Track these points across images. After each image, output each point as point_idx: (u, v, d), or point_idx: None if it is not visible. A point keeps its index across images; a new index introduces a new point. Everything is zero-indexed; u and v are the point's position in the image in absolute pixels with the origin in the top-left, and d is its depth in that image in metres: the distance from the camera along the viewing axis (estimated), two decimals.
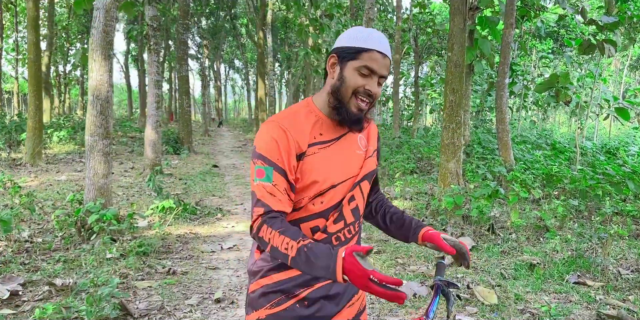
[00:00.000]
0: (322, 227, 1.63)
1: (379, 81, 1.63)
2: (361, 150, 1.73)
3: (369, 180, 1.74)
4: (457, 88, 7.59)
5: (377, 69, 1.59)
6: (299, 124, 1.62)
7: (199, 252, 5.82)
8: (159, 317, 4.00)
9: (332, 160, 1.63)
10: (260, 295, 1.65)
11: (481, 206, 6.57)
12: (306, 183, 1.58)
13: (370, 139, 1.79)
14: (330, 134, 1.65)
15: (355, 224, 1.69)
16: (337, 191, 1.63)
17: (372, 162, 1.76)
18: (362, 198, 1.71)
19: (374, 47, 1.60)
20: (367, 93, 1.60)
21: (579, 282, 5.03)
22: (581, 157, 12.77)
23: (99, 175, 6.00)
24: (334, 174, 1.62)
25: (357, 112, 1.62)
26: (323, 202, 1.61)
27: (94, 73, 5.86)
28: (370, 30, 1.64)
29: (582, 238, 6.39)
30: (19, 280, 4.60)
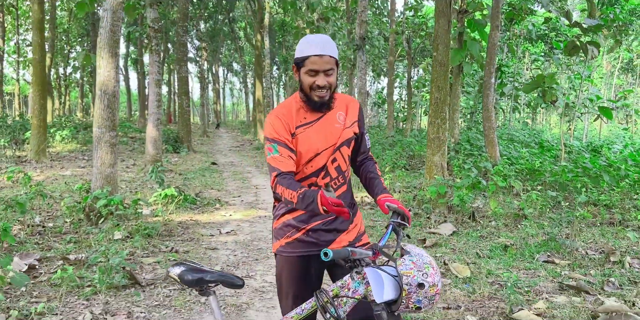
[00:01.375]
0: (314, 182, 2.31)
1: (327, 73, 2.21)
2: (339, 123, 2.34)
3: (348, 146, 2.36)
4: (442, 86, 8.05)
5: (319, 68, 2.19)
6: (289, 112, 2.30)
7: (199, 235, 6.28)
8: (164, 285, 4.45)
9: (315, 135, 2.28)
10: (279, 229, 2.36)
11: (462, 195, 7.03)
12: (299, 153, 2.27)
13: (348, 113, 2.39)
14: (311, 117, 2.31)
15: (340, 178, 2.35)
16: (321, 157, 2.30)
17: (349, 132, 2.36)
18: (343, 159, 2.35)
19: (310, 53, 2.20)
20: (318, 86, 2.21)
21: (548, 261, 5.49)
22: (567, 155, 13.24)
23: (105, 164, 6.46)
24: (317, 144, 2.28)
25: (319, 100, 2.25)
26: (312, 166, 2.30)
27: (102, 69, 6.32)
28: (308, 39, 2.24)
29: (553, 222, 6.84)
30: (35, 256, 5.04)
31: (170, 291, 4.34)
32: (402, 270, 1.88)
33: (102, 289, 4.20)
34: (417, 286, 1.85)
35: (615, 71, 29.14)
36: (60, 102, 36.54)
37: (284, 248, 2.34)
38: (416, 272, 1.87)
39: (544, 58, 23.03)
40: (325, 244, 2.29)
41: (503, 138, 15.51)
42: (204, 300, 4.17)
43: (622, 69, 32.79)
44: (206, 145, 22.60)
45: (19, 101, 32.61)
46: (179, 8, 17.44)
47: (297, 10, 21.21)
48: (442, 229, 6.68)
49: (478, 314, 3.99)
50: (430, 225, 7.00)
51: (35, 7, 12.67)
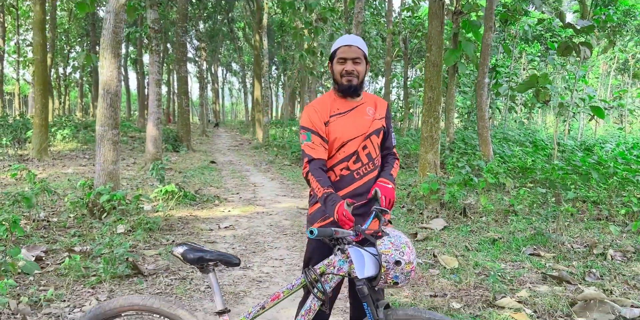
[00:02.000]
0: (347, 167, 2.57)
1: (355, 62, 2.55)
2: (369, 116, 2.63)
3: (377, 135, 2.63)
4: (435, 85, 8.28)
5: (346, 56, 2.55)
6: (324, 104, 2.62)
7: (198, 229, 6.50)
8: (165, 275, 4.67)
9: (347, 124, 2.58)
10: (315, 213, 2.63)
11: (453, 191, 7.26)
12: (332, 140, 2.55)
13: (377, 109, 2.68)
14: (344, 107, 2.62)
15: (370, 164, 2.59)
16: (353, 143, 2.56)
17: (379, 123, 2.64)
18: (373, 147, 2.61)
19: (340, 44, 2.59)
20: (347, 72, 2.54)
21: (534, 254, 5.72)
22: (560, 153, 13.47)
23: (108, 161, 6.68)
24: (349, 132, 2.56)
25: (347, 83, 2.56)
26: (345, 151, 2.56)
27: (105, 69, 6.54)
28: (341, 37, 2.63)
29: (541, 217, 7.07)
30: (42, 248, 5.26)
31: (172, 280, 4.56)
32: (381, 249, 2.11)
33: (106, 278, 4.42)
34: (395, 263, 2.08)
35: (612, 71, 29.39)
36: (60, 101, 36.73)
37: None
38: (394, 251, 2.10)
39: (540, 58, 23.26)
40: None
41: (497, 137, 15.74)
42: (204, 289, 4.40)
43: (618, 70, 33.05)
44: (205, 144, 22.82)
45: (19, 101, 32.81)
46: (178, 8, 17.65)
47: (295, 11, 21.44)
48: (433, 224, 6.91)
49: (463, 301, 4.22)
50: (423, 220, 7.22)
51: (37, 7, 12.88)
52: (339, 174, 2.57)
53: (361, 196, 2.55)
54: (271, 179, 11.70)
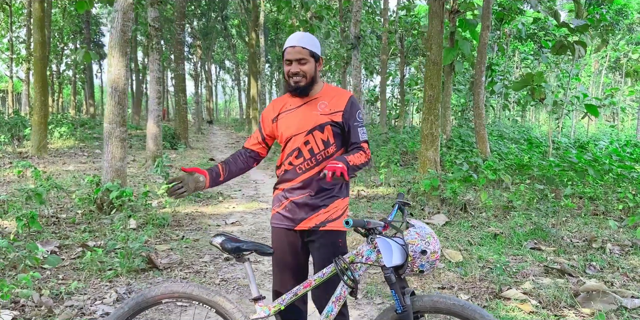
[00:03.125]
0: (290, 162, 2.63)
1: (300, 62, 2.56)
2: (318, 111, 2.61)
3: (321, 130, 2.59)
4: (435, 84, 8.42)
5: (291, 57, 2.57)
6: (281, 100, 2.73)
7: (206, 225, 6.62)
8: (180, 268, 4.79)
9: (293, 120, 2.63)
10: (273, 200, 2.77)
11: (454, 187, 7.42)
12: (280, 135, 2.67)
13: (332, 102, 2.64)
14: (294, 104, 2.67)
15: (312, 159, 2.59)
16: (296, 138, 2.61)
17: (325, 117, 2.60)
18: (316, 142, 2.59)
19: (286, 45, 2.61)
20: (292, 73, 2.57)
21: (535, 248, 5.88)
22: (555, 151, 13.68)
23: (116, 158, 6.77)
24: (292, 128, 2.62)
25: (295, 84, 2.59)
26: (290, 146, 2.63)
27: (113, 68, 6.63)
28: (290, 37, 2.64)
29: (540, 213, 7.24)
30: (55, 244, 5.36)
31: (186, 274, 4.68)
32: (408, 240, 2.25)
33: (123, 272, 4.53)
34: (421, 253, 2.22)
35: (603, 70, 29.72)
36: (53, 99, 36.59)
37: (273, 218, 2.74)
38: (420, 241, 2.24)
39: (533, 57, 23.50)
40: (298, 221, 2.62)
41: (493, 135, 15.94)
42: (218, 282, 4.52)
43: (610, 68, 33.40)
44: (202, 142, 22.88)
45: (13, 98, 32.68)
46: (176, 6, 17.69)
47: (291, 9, 21.51)
48: (435, 219, 7.06)
49: (470, 293, 4.37)
50: (424, 216, 7.37)
51: (36, 5, 12.91)
52: (284, 169, 2.67)
53: (304, 189, 2.60)
54: (271, 176, 11.82)
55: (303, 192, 2.61)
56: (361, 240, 5.97)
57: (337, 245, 2.61)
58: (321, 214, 2.60)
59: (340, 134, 2.64)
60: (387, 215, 5.49)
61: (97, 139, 18.35)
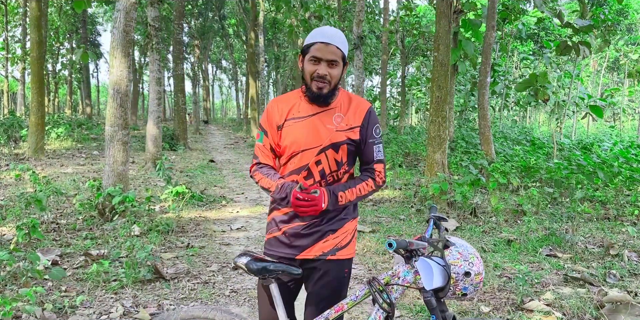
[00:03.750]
0: (296, 180, 2.23)
1: (331, 64, 2.16)
2: (333, 125, 2.22)
3: (336, 149, 2.21)
4: (443, 85, 8.26)
5: (322, 56, 2.14)
6: (289, 101, 2.29)
7: (211, 231, 6.43)
8: (187, 279, 4.61)
9: (302, 131, 2.21)
10: (267, 225, 2.39)
11: (464, 192, 7.26)
12: (283, 146, 2.24)
13: (349, 116, 2.25)
14: (306, 112, 2.24)
15: (322, 182, 2.24)
16: (305, 155, 2.21)
17: (342, 135, 2.22)
18: (328, 163, 2.23)
19: (316, 40, 2.16)
20: (318, 76, 2.15)
21: (551, 255, 5.73)
22: (558, 152, 13.55)
23: (118, 162, 6.58)
24: (301, 141, 2.21)
25: (317, 91, 2.18)
26: (295, 162, 2.23)
27: (115, 69, 6.44)
28: (319, 29, 2.22)
29: (554, 218, 7.09)
30: (56, 252, 5.17)
31: (194, 285, 4.50)
32: (450, 260, 2.07)
33: (128, 283, 4.34)
34: (464, 275, 2.04)
35: (602, 70, 29.67)
36: (49, 99, 36.30)
37: (266, 244, 2.37)
38: (463, 262, 2.06)
39: (534, 57, 23.39)
40: (300, 249, 2.27)
41: (497, 136, 15.80)
42: (228, 293, 4.34)
43: (608, 68, 33.33)
44: (200, 142, 22.67)
45: (8, 98, 32.37)
46: (175, 6, 17.47)
47: (290, 9, 21.30)
48: (445, 224, 6.90)
49: (491, 305, 4.20)
50: None
51: (32, 4, 12.68)
52: None
53: (310, 219, 2.25)
54: None
55: (309, 219, 2.25)
56: (370, 249, 5.81)
57: (343, 276, 2.32)
58: (329, 241, 2.27)
59: (355, 152, 2.30)
60: (420, 231, 5.22)
61: (95, 140, 18.13)
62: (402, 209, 7.99)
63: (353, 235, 2.36)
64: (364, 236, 6.30)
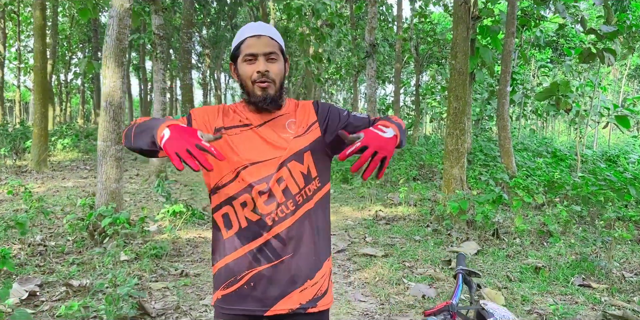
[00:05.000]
0: (251, 206, 1.73)
1: (270, 58, 1.76)
2: (288, 133, 1.80)
3: (300, 160, 1.77)
4: (461, 95, 7.72)
5: (256, 51, 1.75)
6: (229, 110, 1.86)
7: (208, 255, 5.91)
8: (176, 316, 4.09)
9: (252, 142, 1.77)
10: (216, 276, 1.82)
11: (486, 211, 6.68)
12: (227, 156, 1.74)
13: (298, 117, 1.86)
14: (254, 119, 1.81)
15: (289, 203, 1.75)
16: (258, 170, 1.74)
17: (302, 140, 1.79)
18: (293, 178, 1.76)
19: (244, 35, 1.78)
20: (259, 74, 1.74)
21: (584, 285, 5.13)
22: (582, 164, 12.89)
23: (111, 179, 6.11)
24: (255, 152, 1.75)
25: (262, 93, 1.76)
26: (244, 179, 1.73)
27: (107, 80, 5.99)
28: (245, 26, 1.84)
29: (585, 242, 6.48)
30: (36, 282, 4.69)
31: None
32: None
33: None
34: None
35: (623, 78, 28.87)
36: (61, 108, 36.26)
37: (220, 302, 1.80)
38: None
39: (552, 65, 22.74)
40: (271, 302, 1.74)
41: (516, 148, 15.16)
42: None
43: (629, 76, 32.47)
44: None
45: (20, 108, 32.32)
46: (183, 14, 17.15)
47: (302, 17, 20.91)
48: (465, 247, 6.33)
49: None
50: (452, 242, 6.64)
51: (37, 13, 12.37)
52: (244, 218, 1.74)
53: (280, 251, 1.74)
54: None
55: (277, 256, 1.74)
56: (383, 277, 5.25)
57: None
58: (308, 288, 1.78)
59: (324, 158, 1.85)
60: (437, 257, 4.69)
61: None
62: (417, 229, 7.43)
63: (330, 279, 1.89)
64: (375, 261, 5.75)
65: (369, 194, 10.08)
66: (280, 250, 1.73)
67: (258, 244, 1.73)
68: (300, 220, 1.76)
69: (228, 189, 1.76)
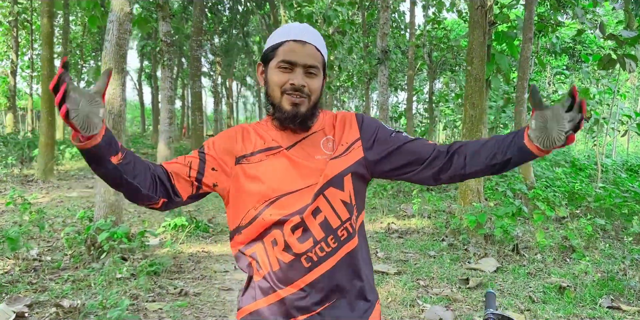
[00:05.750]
0: (283, 244, 1.44)
1: (309, 72, 1.47)
2: (324, 154, 1.51)
3: (340, 186, 1.47)
4: (477, 102, 7.38)
5: (297, 59, 1.46)
6: (249, 131, 1.57)
7: (211, 271, 5.60)
8: None
9: (281, 168, 1.48)
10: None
11: (505, 225, 6.32)
12: (251, 189, 1.46)
13: (341, 134, 1.55)
14: (283, 141, 1.52)
15: (329, 239, 1.45)
16: (290, 201, 1.44)
17: (340, 162, 1.49)
18: (333, 209, 1.46)
19: (286, 38, 1.48)
20: (292, 87, 1.46)
21: (613, 307, 4.75)
22: (602, 174, 12.45)
23: (110, 191, 5.84)
24: (284, 182, 1.46)
25: (292, 108, 1.47)
26: (272, 214, 1.44)
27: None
28: (288, 25, 1.54)
29: (612, 259, 6.08)
30: (26, 301, 4.40)
31: None
32: None
33: None
34: None
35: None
36: None
37: None
38: None
39: (569, 71, 22.28)
40: None
41: None
42: None
43: None
44: None
45: (32, 116, 32.41)
46: (193, 22, 17.01)
47: (313, 24, 20.72)
48: (483, 264, 5.95)
49: None
50: (469, 258, 6.27)
51: (44, 21, 12.25)
52: (276, 260, 1.45)
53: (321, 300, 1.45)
54: None
55: (317, 305, 1.44)
56: (396, 298, 4.90)
57: None
58: None
59: (363, 182, 1.55)
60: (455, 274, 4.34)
61: None
62: (431, 243, 7.06)
63: None
64: (387, 280, 5.39)
65: (381, 205, 9.73)
66: (320, 297, 1.45)
67: (293, 291, 1.44)
68: (344, 259, 1.47)
69: (254, 227, 1.48)
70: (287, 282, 1.44)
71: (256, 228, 1.46)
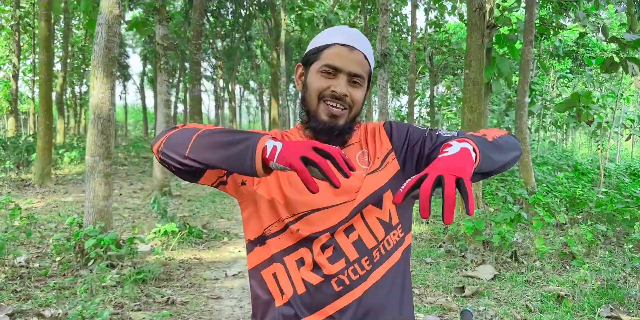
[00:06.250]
0: (312, 264, 1.31)
1: (353, 81, 1.35)
2: (360, 169, 1.39)
3: (378, 204, 1.34)
4: (476, 106, 7.26)
5: (342, 66, 1.33)
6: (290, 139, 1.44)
7: (201, 279, 5.48)
8: None
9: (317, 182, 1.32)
10: None
11: (503, 232, 6.18)
12: (279, 199, 1.33)
13: (373, 146, 1.43)
14: None
15: (363, 261, 1.32)
16: (322, 217, 1.32)
17: (380, 177, 1.37)
18: (367, 227, 1.33)
19: (334, 41, 1.36)
20: (333, 95, 1.33)
21: (612, 317, 4.61)
22: (605, 179, 12.28)
23: (99, 197, 5.73)
24: (318, 196, 1.31)
25: (329, 119, 1.35)
26: (300, 229, 1.32)
27: (96, 91, 5.63)
28: (338, 27, 1.42)
29: (612, 267, 5.94)
30: (8, 310, 4.29)
31: None
32: None
33: None
34: None
35: None
36: (75, 120, 36.36)
37: None
38: None
39: (572, 75, 22.12)
40: None
41: (536, 161, 14.58)
42: None
43: None
44: None
45: (34, 120, 32.43)
46: (192, 25, 16.95)
47: (314, 28, 20.64)
48: (480, 271, 5.81)
49: None
50: (466, 265, 6.13)
51: (42, 24, 12.20)
52: (301, 282, 1.32)
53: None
54: None
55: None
56: None
57: None
58: None
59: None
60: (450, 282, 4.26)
61: None
62: (429, 250, 6.93)
63: None
64: None
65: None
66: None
67: (321, 318, 1.30)
68: (380, 283, 1.34)
69: (279, 241, 1.34)
70: (314, 308, 1.30)
71: (284, 240, 1.34)
